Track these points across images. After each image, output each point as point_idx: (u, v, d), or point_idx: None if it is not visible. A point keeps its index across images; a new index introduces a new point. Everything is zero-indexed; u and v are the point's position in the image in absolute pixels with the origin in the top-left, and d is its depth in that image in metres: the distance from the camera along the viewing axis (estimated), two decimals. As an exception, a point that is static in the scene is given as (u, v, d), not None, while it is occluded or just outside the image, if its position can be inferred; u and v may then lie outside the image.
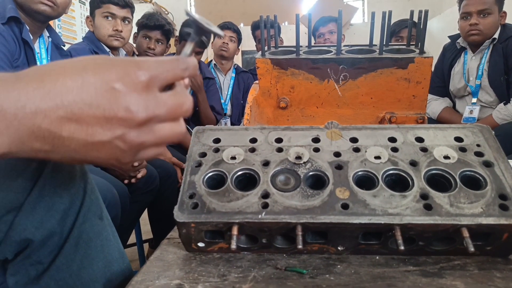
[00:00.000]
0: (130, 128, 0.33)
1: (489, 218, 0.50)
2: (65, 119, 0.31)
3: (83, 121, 0.31)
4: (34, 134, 0.31)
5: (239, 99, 2.57)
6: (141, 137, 0.34)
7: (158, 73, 0.34)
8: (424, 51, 0.96)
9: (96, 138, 0.32)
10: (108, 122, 0.32)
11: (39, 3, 1.33)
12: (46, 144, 0.31)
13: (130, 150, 0.34)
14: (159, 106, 0.34)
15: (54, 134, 0.31)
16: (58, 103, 0.30)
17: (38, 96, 0.30)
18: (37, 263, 0.52)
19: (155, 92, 0.34)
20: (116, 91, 0.32)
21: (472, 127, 0.62)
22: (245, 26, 4.60)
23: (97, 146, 0.33)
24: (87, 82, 0.31)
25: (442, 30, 3.81)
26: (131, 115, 0.32)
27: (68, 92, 0.31)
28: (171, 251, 0.59)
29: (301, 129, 0.64)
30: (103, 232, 0.56)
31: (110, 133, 0.32)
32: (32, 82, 0.31)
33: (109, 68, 0.32)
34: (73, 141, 0.32)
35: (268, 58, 1.01)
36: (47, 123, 0.30)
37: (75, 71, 0.32)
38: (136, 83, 0.32)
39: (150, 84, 0.33)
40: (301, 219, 0.51)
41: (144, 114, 0.33)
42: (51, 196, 0.51)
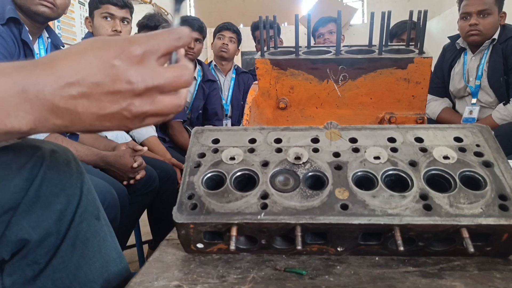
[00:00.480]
0: (133, 98, 0.36)
1: (489, 218, 0.49)
2: (78, 97, 0.35)
3: (92, 97, 0.35)
4: (55, 113, 0.35)
5: (239, 100, 2.57)
6: (144, 107, 0.37)
7: (151, 46, 0.37)
8: (423, 51, 0.96)
9: (106, 111, 0.36)
10: (113, 96, 0.36)
11: (39, 4, 1.33)
12: (66, 120, 0.36)
13: (136, 118, 0.38)
14: (158, 77, 0.37)
15: (71, 111, 0.35)
16: (69, 84, 0.35)
17: (53, 80, 0.35)
18: (33, 263, 0.52)
19: (152, 64, 0.37)
20: (116, 68, 0.35)
21: (471, 127, 0.62)
22: (244, 26, 4.60)
23: (108, 117, 0.37)
24: (89, 63, 0.35)
25: (442, 31, 3.81)
26: (131, 87, 0.36)
27: (76, 74, 0.35)
28: (170, 252, 0.58)
29: (300, 130, 0.64)
30: (100, 232, 0.56)
31: (117, 105, 0.36)
32: (46, 68, 0.35)
33: (106, 48, 0.36)
34: (88, 115, 0.36)
35: (268, 58, 1.01)
36: (63, 103, 0.35)
37: (79, 54, 0.36)
38: (132, 57, 0.36)
39: (145, 57, 0.36)
40: (301, 219, 0.51)
41: (143, 84, 0.36)
42: (47, 196, 0.51)
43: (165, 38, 0.38)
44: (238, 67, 2.69)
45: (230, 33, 2.49)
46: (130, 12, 1.82)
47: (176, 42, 0.39)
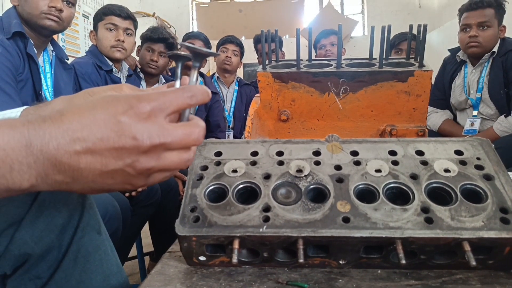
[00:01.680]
0: (138, 155, 0.36)
1: (490, 231, 0.50)
2: (82, 153, 0.35)
3: (96, 153, 0.35)
4: (57, 168, 0.35)
5: (241, 111, 2.58)
6: (149, 163, 0.37)
7: (161, 103, 0.37)
8: (423, 64, 0.97)
9: (109, 167, 0.36)
10: (118, 152, 0.35)
11: (45, 18, 1.35)
12: (67, 176, 0.35)
13: (141, 175, 0.37)
14: (165, 134, 0.36)
15: (73, 166, 0.35)
16: (74, 139, 0.35)
17: (59, 134, 0.34)
18: (36, 278, 0.52)
19: (160, 121, 0.36)
20: (122, 124, 0.35)
21: (472, 141, 0.62)
22: (246, 39, 4.65)
23: (111, 174, 0.36)
24: (97, 119, 0.35)
25: (442, 43, 3.84)
26: (136, 143, 0.35)
27: (82, 129, 0.35)
28: (172, 264, 0.58)
29: (301, 142, 0.64)
30: (101, 246, 0.57)
31: (121, 162, 0.36)
32: (54, 122, 0.35)
33: (115, 104, 0.36)
34: (90, 171, 0.36)
35: (269, 71, 1.02)
36: (67, 157, 0.34)
37: (87, 109, 0.36)
38: (139, 114, 0.35)
39: (153, 114, 0.36)
40: (302, 232, 0.51)
41: (148, 142, 0.35)
42: (50, 211, 0.51)
43: (177, 96, 0.38)
44: (240, 79, 2.71)
45: (233, 46, 2.52)
46: (134, 24, 1.85)
47: (189, 100, 0.38)
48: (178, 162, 0.38)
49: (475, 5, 1.88)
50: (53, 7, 1.35)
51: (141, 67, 2.09)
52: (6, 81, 1.20)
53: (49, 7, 1.35)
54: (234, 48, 2.52)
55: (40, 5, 1.34)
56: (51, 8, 1.35)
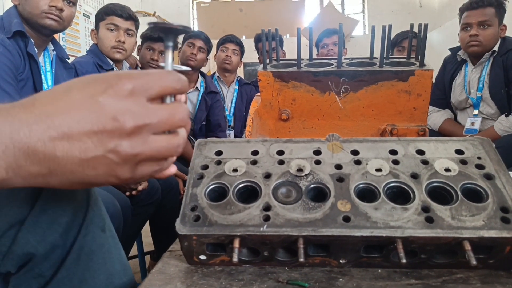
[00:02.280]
0: (121, 138, 0.32)
1: (491, 231, 0.50)
2: (57, 139, 0.31)
3: (74, 138, 0.31)
4: (30, 158, 0.31)
5: (242, 111, 2.58)
6: (135, 148, 0.33)
7: (144, 82, 0.33)
8: (424, 64, 0.97)
9: (89, 154, 0.32)
10: (98, 135, 0.32)
11: (46, 17, 1.36)
12: (43, 167, 0.32)
13: (126, 163, 0.33)
14: (149, 115, 0.33)
15: (49, 155, 0.31)
16: (49, 124, 0.31)
17: (31, 120, 0.31)
18: (39, 276, 0.52)
19: (143, 101, 0.33)
20: (101, 104, 0.32)
21: (472, 140, 0.62)
22: (247, 38, 4.65)
23: (92, 162, 0.32)
24: (72, 100, 0.32)
25: (443, 42, 3.84)
26: (118, 124, 0.32)
27: (57, 112, 0.31)
28: (173, 263, 0.59)
29: (302, 142, 0.64)
30: (105, 244, 0.56)
31: (102, 147, 0.32)
32: (25, 107, 0.32)
33: (92, 83, 0.33)
34: (68, 160, 0.32)
35: (270, 71, 1.02)
36: (41, 145, 0.31)
37: (62, 92, 0.33)
38: (120, 92, 0.32)
39: (135, 93, 0.33)
40: (303, 232, 0.51)
41: (132, 122, 0.32)
42: (54, 209, 0.51)
43: (162, 77, 0.34)
44: (241, 78, 2.71)
45: (233, 45, 2.52)
46: (135, 25, 1.85)
47: (175, 84, 0.35)
48: (167, 147, 0.35)
49: (476, 4, 1.88)
50: (53, 6, 1.35)
51: (142, 66, 2.09)
52: (6, 80, 1.20)
53: (49, 6, 1.35)
54: (234, 47, 2.52)
55: (40, 4, 1.34)
56: (51, 8, 1.35)
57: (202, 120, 2.25)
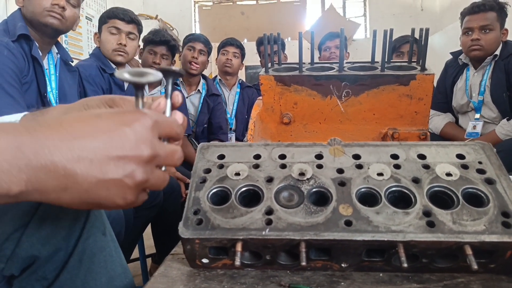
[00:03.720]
0: (138, 165, 0.36)
1: (492, 235, 0.50)
2: (81, 158, 0.34)
3: (97, 159, 0.34)
4: (51, 172, 0.33)
5: (243, 114, 2.59)
6: (146, 175, 0.37)
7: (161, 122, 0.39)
8: (425, 68, 0.97)
9: (108, 176, 0.35)
10: (120, 160, 0.35)
11: (48, 15, 1.36)
12: (60, 183, 0.34)
13: (136, 187, 0.37)
14: (160, 148, 0.38)
15: (69, 171, 0.33)
16: (74, 144, 0.34)
17: (57, 137, 0.33)
18: (42, 279, 0.52)
19: (156, 137, 0.38)
20: (127, 132, 0.36)
21: (473, 145, 0.62)
22: (248, 41, 4.66)
23: (108, 184, 0.35)
24: (101, 126, 0.35)
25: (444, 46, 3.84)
26: (139, 153, 0.36)
27: (85, 134, 0.34)
28: (175, 267, 0.59)
29: (304, 146, 0.65)
30: (106, 247, 0.57)
31: (121, 170, 0.35)
32: (52, 126, 0.34)
33: (120, 115, 0.37)
34: (86, 179, 0.34)
35: (272, 75, 1.03)
36: (63, 161, 0.33)
37: (91, 117, 0.36)
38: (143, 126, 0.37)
39: (153, 129, 0.38)
40: (305, 235, 0.51)
41: (150, 152, 0.37)
42: (56, 213, 0.52)
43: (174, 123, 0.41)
44: (242, 81, 2.72)
45: (233, 48, 2.53)
46: (138, 29, 1.86)
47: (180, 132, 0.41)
48: (163, 179, 0.40)
49: (477, 9, 1.89)
50: (56, 4, 1.36)
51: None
52: (11, 84, 1.21)
53: (52, 4, 1.36)
54: (234, 50, 2.53)
55: (43, 2, 1.35)
56: (54, 6, 1.36)
57: (204, 123, 2.26)
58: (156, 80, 0.41)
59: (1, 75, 1.20)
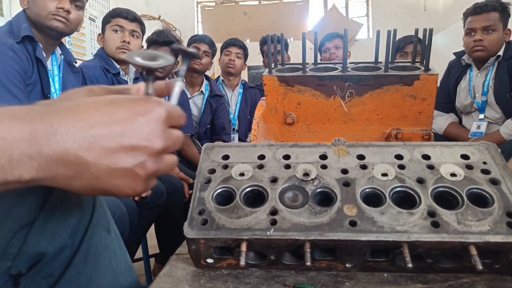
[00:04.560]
0: (150, 156, 0.36)
1: (497, 236, 0.50)
2: (93, 146, 0.34)
3: (109, 148, 0.34)
4: (62, 159, 0.33)
5: (246, 114, 2.59)
6: (156, 165, 0.37)
7: (173, 113, 0.39)
8: (429, 68, 0.97)
9: (120, 165, 0.35)
10: (132, 149, 0.35)
11: (53, 19, 1.37)
12: (71, 169, 0.34)
13: (146, 178, 0.37)
14: (170, 138, 0.38)
15: (81, 159, 0.33)
16: (87, 131, 0.33)
17: (70, 124, 0.33)
18: (48, 276, 0.53)
19: (167, 127, 0.38)
20: (141, 123, 0.36)
21: (478, 145, 0.62)
22: (251, 42, 4.66)
23: (118, 173, 0.35)
24: (115, 114, 0.35)
25: (447, 46, 3.83)
26: (152, 144, 0.36)
27: (98, 122, 0.34)
28: (180, 267, 0.59)
29: (308, 146, 0.65)
30: (110, 245, 0.58)
31: (133, 160, 0.35)
32: (65, 112, 0.34)
33: (135, 103, 0.37)
34: (97, 166, 0.34)
35: (275, 75, 1.03)
36: (75, 148, 0.33)
37: (105, 104, 0.36)
38: (157, 117, 0.37)
39: (166, 120, 0.38)
40: (309, 236, 0.51)
41: (161, 144, 0.37)
42: (62, 211, 0.52)
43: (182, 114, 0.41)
44: (245, 82, 2.72)
45: (236, 49, 2.53)
46: (141, 28, 1.86)
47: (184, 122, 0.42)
48: (172, 164, 0.40)
49: (480, 9, 1.88)
50: (61, 8, 1.37)
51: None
52: (15, 85, 1.22)
53: (57, 8, 1.37)
54: (237, 50, 2.53)
55: (48, 6, 1.36)
56: (59, 9, 1.37)
57: (207, 123, 2.27)
58: (168, 64, 0.40)
59: (5, 76, 1.21)
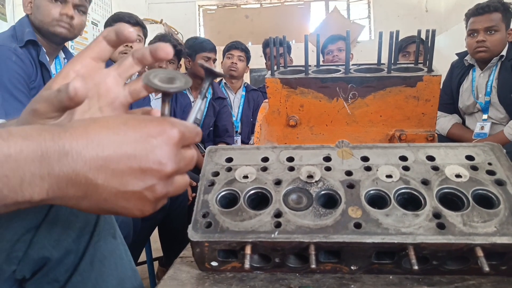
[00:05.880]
0: (160, 179, 0.36)
1: (503, 237, 0.49)
2: (103, 168, 0.33)
3: (119, 170, 0.34)
4: (72, 181, 0.33)
5: (249, 116, 2.60)
6: (166, 188, 0.37)
7: (186, 133, 0.38)
8: (432, 69, 0.97)
9: (128, 188, 0.35)
10: (142, 173, 0.35)
11: (57, 25, 1.38)
12: (80, 190, 0.34)
13: (155, 200, 0.37)
14: (182, 160, 0.38)
15: (90, 181, 0.33)
16: (98, 153, 0.33)
17: (81, 145, 0.33)
18: (53, 281, 0.53)
19: (179, 149, 0.38)
20: (153, 145, 0.35)
21: (483, 146, 0.62)
22: (253, 44, 4.67)
23: (127, 195, 0.35)
24: (127, 136, 0.35)
25: (450, 46, 3.83)
26: (163, 167, 0.35)
27: (110, 143, 0.34)
28: (185, 270, 0.59)
29: (312, 148, 0.65)
30: (116, 250, 0.58)
31: (142, 183, 0.35)
32: (77, 132, 0.33)
33: (148, 124, 0.36)
34: (106, 189, 0.34)
35: (278, 77, 1.03)
36: (85, 170, 0.33)
37: (118, 125, 0.35)
38: (170, 139, 0.36)
39: (179, 142, 0.37)
40: (314, 238, 0.51)
41: (172, 167, 0.36)
42: (67, 215, 0.53)
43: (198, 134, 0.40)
44: (248, 84, 2.73)
45: (238, 52, 2.54)
46: (143, 31, 1.87)
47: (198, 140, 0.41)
48: (184, 185, 0.40)
49: (482, 10, 1.88)
50: (64, 14, 1.38)
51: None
52: (19, 89, 1.22)
53: (60, 14, 1.38)
54: (239, 53, 2.54)
55: (52, 12, 1.37)
56: (62, 16, 1.38)
57: (210, 126, 2.27)
58: (186, 87, 0.40)
59: (9, 81, 1.22)
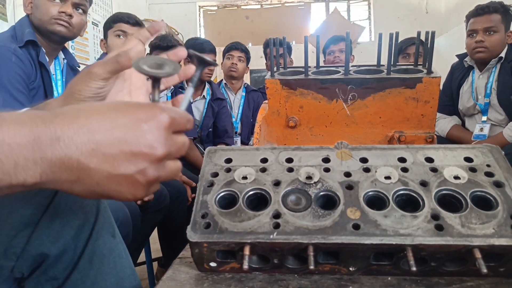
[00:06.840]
0: (151, 163, 0.37)
1: (502, 239, 0.50)
2: (95, 152, 0.34)
3: (110, 154, 0.35)
4: (64, 165, 0.34)
5: (249, 117, 2.60)
6: (158, 172, 0.37)
7: (177, 119, 0.39)
8: (431, 71, 0.97)
9: (120, 171, 0.35)
10: (133, 156, 0.36)
11: (56, 23, 1.38)
12: (73, 174, 0.34)
13: (147, 184, 0.37)
14: (173, 145, 0.38)
15: (82, 165, 0.34)
16: (90, 137, 0.34)
17: (73, 130, 0.34)
18: (52, 279, 0.53)
19: (170, 133, 0.38)
20: (144, 130, 0.36)
21: (481, 147, 0.62)
22: (253, 45, 4.67)
23: (119, 179, 0.36)
24: (118, 120, 0.36)
25: (449, 48, 3.83)
26: (153, 151, 0.36)
27: (100, 128, 0.35)
28: (183, 270, 0.59)
29: (311, 149, 0.65)
30: (115, 249, 0.58)
31: (133, 166, 0.36)
32: (68, 118, 0.34)
33: (138, 109, 0.37)
34: (98, 172, 0.35)
35: (277, 78, 1.03)
36: (77, 154, 0.34)
37: (108, 110, 0.36)
38: (160, 124, 0.37)
39: (170, 127, 0.38)
40: (313, 239, 0.51)
41: (163, 151, 0.37)
42: (66, 212, 0.53)
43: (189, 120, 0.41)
44: (248, 85, 2.73)
45: (238, 52, 2.54)
46: None
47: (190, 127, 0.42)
48: (176, 169, 0.40)
49: (482, 11, 1.88)
50: (63, 12, 1.38)
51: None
52: (18, 89, 1.23)
53: (59, 12, 1.38)
54: (239, 54, 2.54)
55: (50, 10, 1.37)
56: (61, 14, 1.38)
57: (209, 127, 2.27)
58: (175, 73, 0.40)
59: (9, 81, 1.22)
